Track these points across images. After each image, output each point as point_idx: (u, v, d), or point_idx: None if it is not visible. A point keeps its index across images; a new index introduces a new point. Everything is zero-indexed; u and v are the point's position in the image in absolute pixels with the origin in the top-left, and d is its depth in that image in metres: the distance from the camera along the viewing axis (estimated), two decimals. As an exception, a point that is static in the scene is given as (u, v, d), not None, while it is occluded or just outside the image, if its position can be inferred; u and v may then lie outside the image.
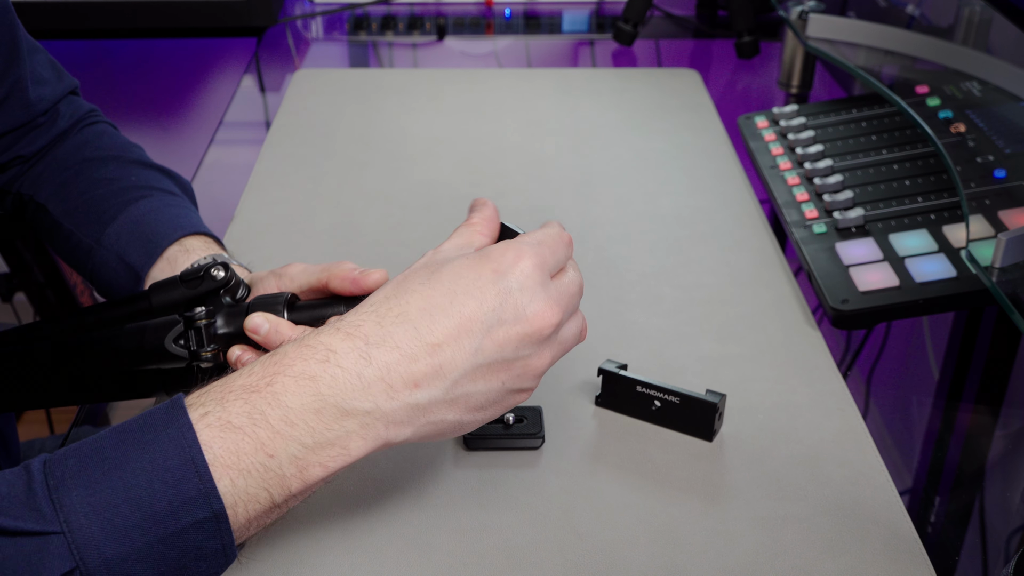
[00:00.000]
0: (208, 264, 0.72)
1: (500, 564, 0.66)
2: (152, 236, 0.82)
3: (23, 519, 0.51)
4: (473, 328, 0.58)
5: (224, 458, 0.53)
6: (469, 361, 0.58)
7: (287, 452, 0.55)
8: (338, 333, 0.58)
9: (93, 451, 0.53)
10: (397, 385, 0.57)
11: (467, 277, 0.59)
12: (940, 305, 0.87)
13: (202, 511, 0.53)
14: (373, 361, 0.56)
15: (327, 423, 0.56)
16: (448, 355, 0.57)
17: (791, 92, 1.37)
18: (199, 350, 0.69)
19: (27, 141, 0.89)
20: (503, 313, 0.58)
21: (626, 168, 1.14)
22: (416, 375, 0.57)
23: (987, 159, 0.94)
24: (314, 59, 1.52)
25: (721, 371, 0.83)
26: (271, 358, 0.57)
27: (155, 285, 0.73)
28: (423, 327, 0.57)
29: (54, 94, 0.91)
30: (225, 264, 0.72)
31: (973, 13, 1.09)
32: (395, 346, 0.57)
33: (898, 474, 0.76)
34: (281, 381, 0.56)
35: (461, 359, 0.58)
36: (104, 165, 0.88)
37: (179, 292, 0.72)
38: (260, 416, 0.55)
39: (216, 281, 0.71)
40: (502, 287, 0.59)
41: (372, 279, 0.69)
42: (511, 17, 1.65)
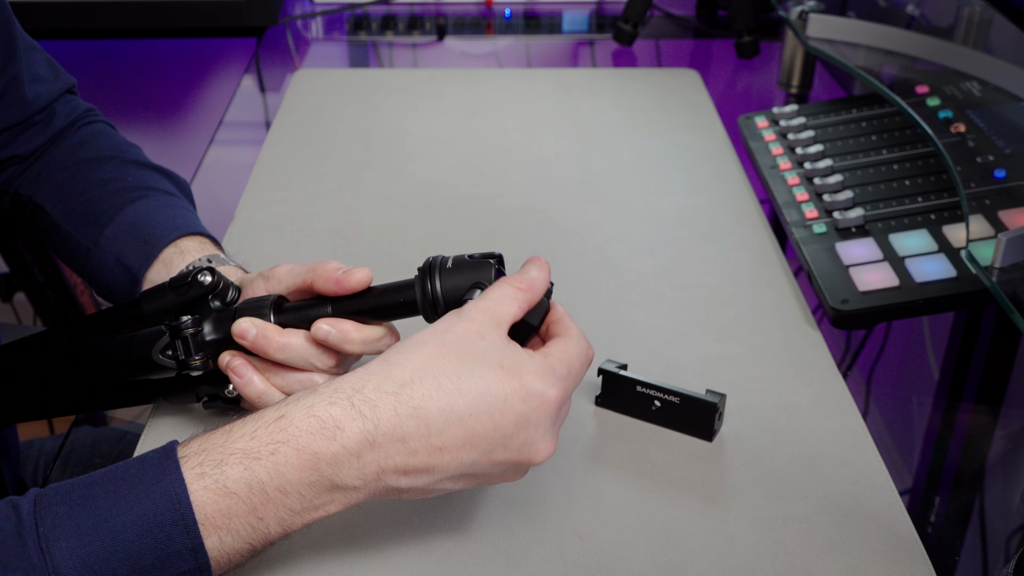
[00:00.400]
0: (195, 270, 0.71)
1: (500, 564, 0.66)
2: (148, 238, 0.82)
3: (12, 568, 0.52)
4: (479, 445, 0.59)
5: (215, 519, 0.55)
6: (461, 469, 0.60)
7: (276, 516, 0.57)
8: (351, 410, 0.57)
9: (82, 498, 0.54)
10: (388, 471, 0.58)
11: (494, 394, 0.59)
12: (940, 305, 0.87)
13: (187, 564, 0.55)
14: (376, 447, 0.57)
15: (317, 493, 0.57)
16: (446, 460, 0.59)
17: (791, 92, 1.37)
18: (187, 359, 0.69)
19: (23, 140, 0.89)
20: (511, 440, 0.60)
21: (626, 168, 1.14)
22: (408, 467, 0.58)
23: (987, 159, 0.94)
24: (314, 59, 1.52)
25: (721, 371, 0.83)
26: (277, 423, 0.57)
27: (145, 293, 0.73)
28: (435, 429, 0.58)
29: (51, 93, 0.91)
30: (212, 269, 0.72)
31: (973, 13, 1.09)
32: (402, 439, 0.58)
33: (898, 474, 0.76)
34: (284, 452, 0.57)
35: (455, 466, 0.59)
36: (101, 165, 0.88)
37: (168, 299, 0.72)
38: (258, 486, 0.56)
39: (203, 287, 0.71)
40: (521, 416, 0.59)
41: (355, 279, 0.69)
42: (511, 17, 1.65)
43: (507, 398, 0.59)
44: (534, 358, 0.61)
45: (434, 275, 0.68)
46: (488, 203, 1.07)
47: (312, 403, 0.58)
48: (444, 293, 0.68)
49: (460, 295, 0.68)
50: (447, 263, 0.69)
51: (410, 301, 0.69)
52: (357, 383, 0.59)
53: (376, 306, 0.70)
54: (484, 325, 0.61)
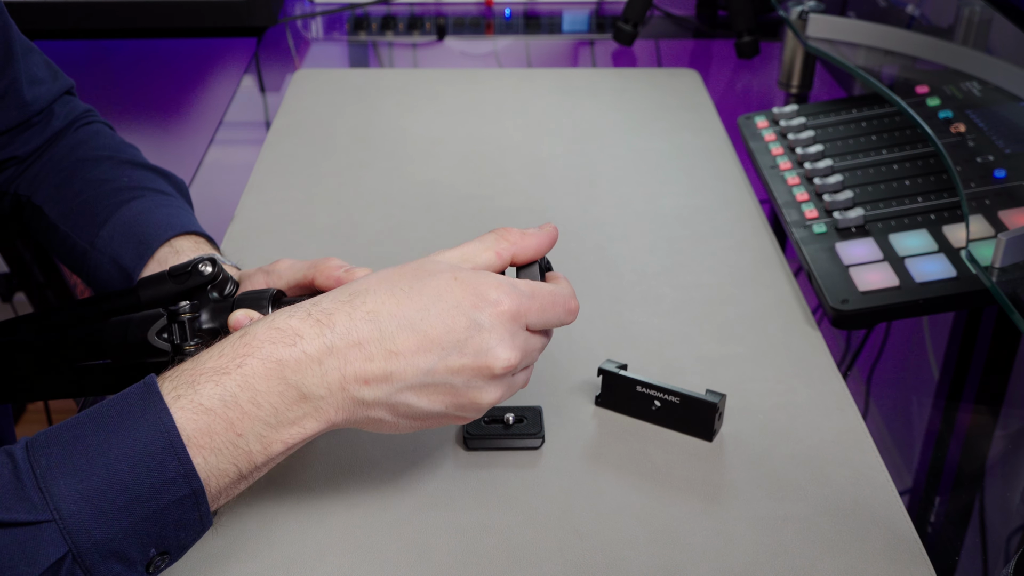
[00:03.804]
0: (196, 260, 0.72)
1: (500, 564, 0.66)
2: (143, 238, 0.82)
3: (15, 510, 0.53)
4: (432, 348, 0.60)
5: (198, 439, 0.56)
6: (419, 377, 0.61)
7: (254, 431, 0.58)
8: (308, 319, 0.60)
9: (74, 438, 0.55)
10: (349, 378, 0.59)
11: (446, 300, 0.61)
12: (940, 305, 0.87)
13: (182, 490, 0.56)
14: (335, 352, 0.59)
15: (288, 405, 0.59)
16: (401, 365, 0.60)
17: (791, 92, 1.37)
18: (182, 343, 0.69)
19: (22, 141, 0.89)
20: (465, 345, 0.61)
21: (626, 168, 1.14)
22: (368, 374, 0.60)
23: (987, 159, 0.94)
24: (314, 59, 1.52)
25: (721, 371, 0.83)
26: (240, 339, 0.59)
27: (143, 280, 0.73)
28: (387, 333, 0.60)
29: (49, 94, 0.91)
30: (213, 260, 0.72)
31: (973, 13, 1.09)
32: (357, 342, 0.59)
33: (898, 474, 0.76)
34: (250, 364, 0.58)
35: (412, 373, 0.60)
36: (97, 165, 0.88)
37: (167, 287, 0.72)
38: (231, 398, 0.57)
39: (204, 276, 0.72)
40: (474, 320, 0.61)
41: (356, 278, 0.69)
42: (511, 17, 1.65)
43: (458, 303, 0.61)
44: (494, 275, 0.63)
45: None
46: (488, 203, 1.07)
47: (273, 318, 0.60)
48: None
49: None
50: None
51: None
52: (316, 298, 0.62)
53: None
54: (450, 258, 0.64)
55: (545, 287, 0.65)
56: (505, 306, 0.62)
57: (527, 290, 0.63)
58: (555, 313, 0.65)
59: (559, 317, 0.65)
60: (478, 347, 0.61)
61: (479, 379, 0.62)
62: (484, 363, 0.61)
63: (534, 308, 0.63)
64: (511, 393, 0.65)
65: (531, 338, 0.64)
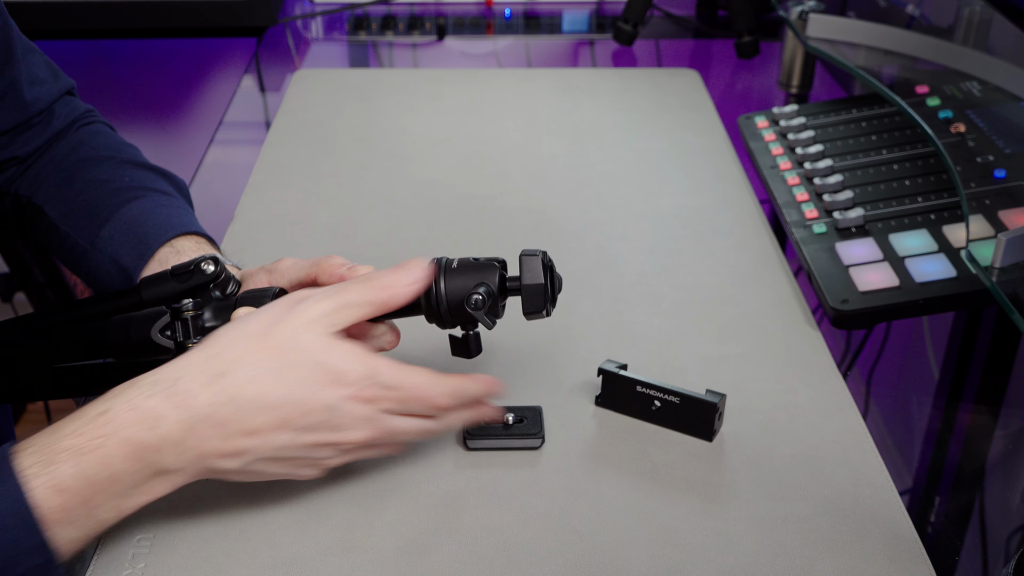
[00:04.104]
0: (199, 258, 0.72)
1: (500, 564, 0.66)
2: (143, 238, 0.82)
3: None
4: (288, 428, 0.63)
5: (53, 515, 0.59)
6: (273, 452, 0.64)
7: (109, 503, 0.61)
8: (168, 401, 0.61)
9: None
10: (207, 455, 0.62)
11: (307, 386, 0.63)
12: (940, 305, 0.87)
13: (35, 559, 0.59)
14: (195, 433, 0.62)
15: (145, 479, 0.62)
16: (258, 442, 0.63)
17: (791, 92, 1.37)
18: (185, 341, 0.69)
19: (23, 141, 0.89)
20: (320, 425, 0.64)
21: (626, 168, 1.14)
22: (225, 450, 0.63)
23: (987, 159, 0.94)
24: (314, 59, 1.52)
25: (721, 371, 0.83)
26: (100, 416, 0.61)
27: (145, 279, 0.73)
28: (247, 415, 0.62)
29: (50, 94, 0.91)
30: (215, 258, 0.72)
31: (973, 13, 1.09)
32: (217, 424, 0.62)
33: (898, 474, 0.76)
34: (109, 445, 0.60)
35: (267, 449, 0.63)
36: (98, 166, 0.88)
37: (169, 286, 0.72)
38: (89, 478, 0.60)
39: (206, 275, 0.72)
40: (330, 405, 0.63)
41: (359, 275, 0.70)
42: (511, 17, 1.65)
43: (319, 390, 0.63)
44: (360, 357, 0.64)
45: (438, 276, 0.68)
46: (488, 203, 1.07)
47: (132, 396, 0.62)
48: (448, 294, 0.68)
49: (463, 297, 0.68)
50: (452, 264, 0.69)
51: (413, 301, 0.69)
52: (176, 373, 0.62)
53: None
54: (319, 320, 0.64)
55: (415, 379, 0.66)
56: (362, 393, 0.64)
57: (391, 380, 0.65)
58: (415, 406, 0.66)
59: (423, 409, 0.67)
60: (332, 426, 0.64)
61: (328, 451, 0.65)
62: (335, 440, 0.65)
63: (392, 397, 0.65)
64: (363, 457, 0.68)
65: (395, 420, 0.66)
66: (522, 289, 0.69)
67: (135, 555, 0.67)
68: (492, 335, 0.86)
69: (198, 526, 0.69)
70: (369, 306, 0.66)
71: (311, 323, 0.64)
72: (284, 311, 0.65)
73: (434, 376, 0.66)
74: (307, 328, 0.64)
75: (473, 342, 0.71)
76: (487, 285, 0.68)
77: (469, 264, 0.69)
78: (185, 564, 0.66)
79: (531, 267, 0.69)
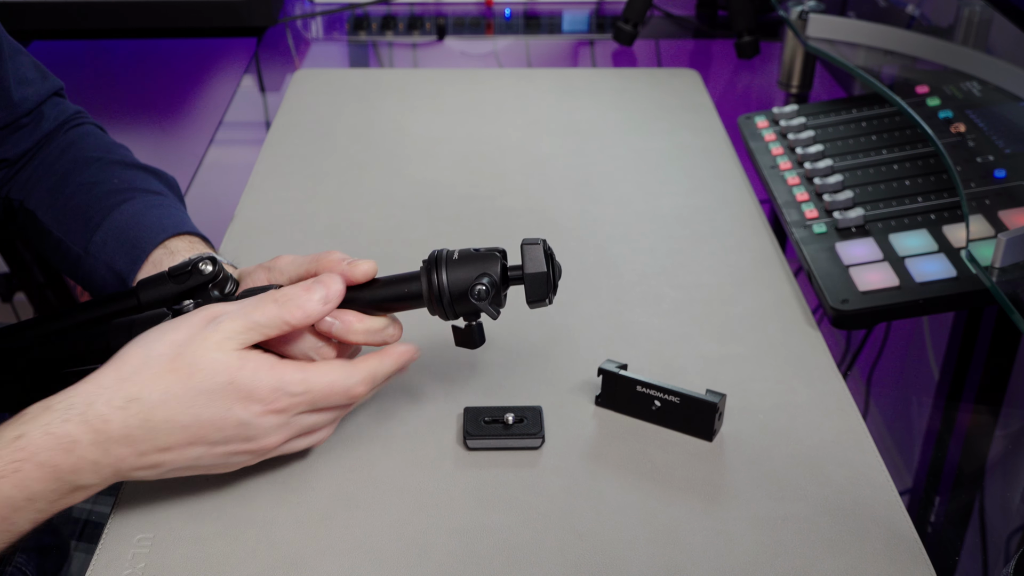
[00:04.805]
0: (196, 258, 0.72)
1: (500, 564, 0.66)
2: (136, 242, 0.82)
3: None
4: (201, 443, 0.65)
5: None
6: (188, 463, 0.66)
7: (26, 519, 0.63)
8: (84, 425, 0.62)
9: None
10: (123, 470, 0.64)
11: (217, 405, 0.64)
12: (940, 305, 0.87)
13: None
14: (111, 453, 0.63)
15: (61, 495, 0.63)
16: (172, 456, 0.65)
17: (791, 92, 1.37)
18: None
19: (11, 143, 0.89)
20: (232, 438, 0.66)
21: (626, 168, 1.14)
22: (141, 465, 0.65)
23: (987, 159, 0.94)
24: (314, 59, 1.52)
25: (721, 371, 0.83)
26: (16, 442, 0.62)
27: (143, 282, 0.73)
28: (160, 435, 0.64)
29: (38, 95, 0.91)
30: (213, 258, 0.72)
31: (973, 13, 1.09)
32: (132, 443, 0.63)
33: (898, 474, 0.76)
34: (27, 469, 0.61)
35: (182, 461, 0.66)
36: (88, 167, 0.88)
37: (168, 288, 0.72)
38: (5, 500, 0.61)
39: (204, 275, 0.72)
40: (241, 420, 0.65)
41: (360, 270, 0.70)
42: (511, 17, 1.65)
43: (229, 408, 0.64)
44: (269, 373, 0.65)
45: (440, 267, 0.68)
46: (488, 203, 1.07)
47: (47, 422, 0.62)
48: (450, 285, 0.68)
49: (465, 287, 0.68)
50: (453, 255, 0.69)
51: (415, 293, 0.69)
52: (89, 398, 0.63)
53: (381, 297, 0.70)
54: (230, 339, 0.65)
55: (325, 379, 0.67)
56: (273, 406, 0.65)
57: (300, 387, 0.66)
58: (332, 400, 0.68)
59: (338, 402, 0.68)
60: (245, 438, 0.66)
61: (244, 457, 0.68)
62: (249, 448, 0.67)
63: (303, 402, 0.67)
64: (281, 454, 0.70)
65: (309, 416, 0.68)
66: (525, 278, 0.69)
67: (135, 555, 0.67)
68: (492, 335, 0.86)
69: (198, 526, 0.69)
70: (283, 326, 0.67)
71: (220, 343, 0.65)
72: (195, 331, 0.65)
73: (345, 369, 0.68)
74: (217, 347, 0.65)
75: (477, 332, 0.71)
76: (490, 275, 0.68)
77: (470, 255, 0.69)
78: (185, 564, 0.66)
79: (533, 256, 0.69)
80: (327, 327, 0.69)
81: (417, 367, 0.83)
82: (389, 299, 0.70)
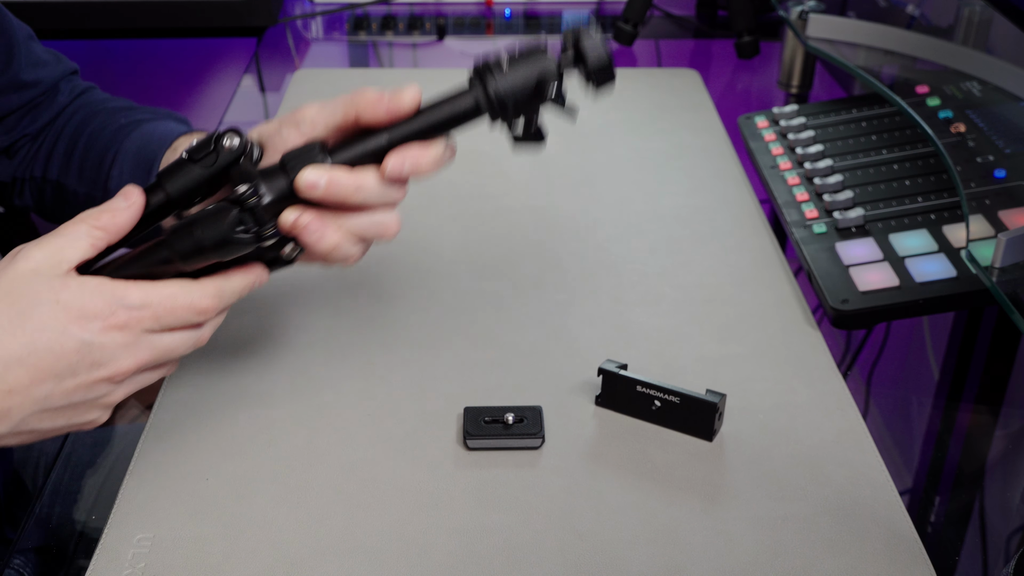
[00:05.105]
0: (215, 135, 0.65)
1: (500, 564, 0.66)
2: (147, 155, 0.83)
3: None
4: (46, 379, 0.61)
5: None
6: (38, 405, 0.61)
7: None
8: None
9: None
10: None
11: (51, 328, 0.60)
12: (940, 305, 0.87)
13: None
14: None
15: None
16: (18, 400, 0.60)
17: (791, 92, 1.37)
18: (262, 230, 0.65)
19: (30, 119, 0.92)
20: (78, 366, 0.61)
21: (626, 168, 1.14)
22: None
23: (987, 159, 0.94)
24: (314, 59, 1.52)
25: (721, 371, 0.83)
26: None
27: (163, 171, 0.67)
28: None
29: (53, 75, 0.93)
30: (235, 130, 0.66)
31: (973, 13, 1.09)
32: None
33: (898, 474, 0.77)
34: None
35: (29, 404, 0.61)
36: (94, 119, 0.91)
37: (194, 173, 0.66)
38: None
39: (234, 152, 0.65)
40: (82, 341, 0.61)
41: (406, 100, 0.66)
42: (511, 17, 1.65)
43: (64, 328, 0.60)
44: (99, 286, 0.61)
45: (492, 74, 0.66)
46: (488, 203, 1.07)
47: None
48: (507, 90, 0.66)
49: (524, 88, 0.65)
50: (501, 60, 0.66)
51: (471, 107, 0.67)
52: None
53: (437, 121, 0.67)
54: (42, 264, 0.61)
55: (165, 291, 0.63)
56: (112, 320, 0.61)
57: (137, 300, 0.62)
58: (178, 316, 0.63)
59: (186, 318, 0.64)
60: (92, 363, 0.61)
61: (101, 388, 0.63)
62: (101, 376, 0.62)
63: (147, 316, 0.62)
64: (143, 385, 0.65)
65: (161, 337, 0.63)
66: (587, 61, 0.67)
67: (135, 555, 0.67)
68: (492, 335, 0.86)
69: (198, 526, 0.69)
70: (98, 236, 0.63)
71: (36, 269, 0.61)
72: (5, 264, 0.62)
73: (188, 283, 0.64)
74: (34, 274, 0.61)
75: (538, 132, 0.69)
76: (547, 70, 0.65)
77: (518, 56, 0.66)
78: (185, 564, 0.66)
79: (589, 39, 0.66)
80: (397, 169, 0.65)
81: (417, 367, 0.83)
82: (446, 120, 0.67)
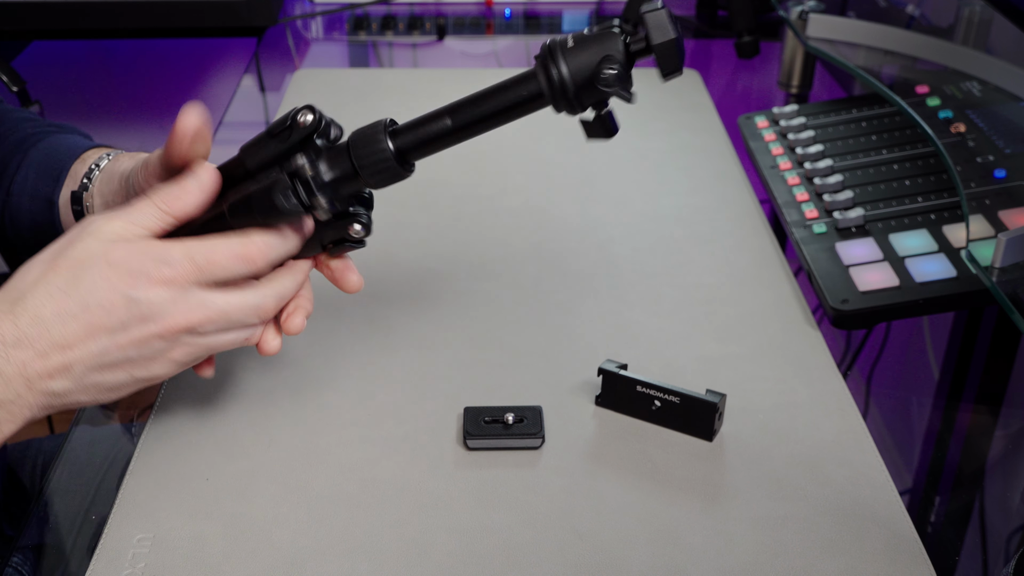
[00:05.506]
0: (292, 112, 0.67)
1: (500, 564, 0.66)
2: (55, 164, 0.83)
3: None
4: (99, 334, 0.64)
5: None
6: (95, 360, 0.64)
7: None
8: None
9: None
10: (33, 378, 0.63)
11: (101, 287, 0.63)
12: (940, 305, 0.87)
13: None
14: (11, 359, 0.62)
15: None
16: (76, 355, 0.63)
17: (791, 92, 1.37)
18: (312, 200, 0.66)
19: None
20: (129, 322, 0.64)
21: (626, 168, 1.14)
22: (49, 369, 0.63)
23: (987, 159, 0.94)
24: (314, 59, 1.52)
25: (721, 371, 0.83)
26: None
27: (246, 147, 0.69)
28: (55, 330, 0.63)
29: None
30: (310, 107, 0.67)
31: (973, 13, 1.09)
32: (29, 343, 0.62)
33: (898, 474, 0.76)
34: None
35: (87, 358, 0.64)
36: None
37: (271, 147, 0.68)
38: None
39: (306, 128, 0.67)
40: (130, 298, 0.63)
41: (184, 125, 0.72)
42: (511, 17, 1.65)
43: (114, 287, 0.63)
44: (146, 246, 0.64)
45: (556, 59, 0.65)
46: (488, 203, 1.07)
47: None
48: (572, 75, 0.65)
49: (589, 74, 0.64)
50: (567, 43, 0.65)
51: (536, 93, 0.66)
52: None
53: (502, 107, 0.67)
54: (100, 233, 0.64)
55: (204, 244, 0.65)
56: (157, 275, 0.64)
57: (179, 254, 0.64)
58: (222, 267, 0.65)
59: (237, 269, 0.66)
60: (141, 318, 0.64)
61: (155, 344, 0.65)
62: (152, 331, 0.64)
63: (190, 269, 0.64)
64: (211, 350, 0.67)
65: (214, 296, 0.65)
66: (655, 49, 0.65)
67: (135, 555, 0.67)
68: (493, 335, 0.86)
69: (198, 526, 0.69)
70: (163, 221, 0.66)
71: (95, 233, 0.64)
72: (74, 234, 0.65)
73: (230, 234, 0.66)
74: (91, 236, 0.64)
75: (609, 120, 0.68)
76: (613, 56, 0.64)
77: (585, 37, 0.64)
78: (185, 564, 0.66)
79: (658, 23, 0.64)
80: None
81: (417, 367, 0.83)
82: (510, 107, 0.67)
